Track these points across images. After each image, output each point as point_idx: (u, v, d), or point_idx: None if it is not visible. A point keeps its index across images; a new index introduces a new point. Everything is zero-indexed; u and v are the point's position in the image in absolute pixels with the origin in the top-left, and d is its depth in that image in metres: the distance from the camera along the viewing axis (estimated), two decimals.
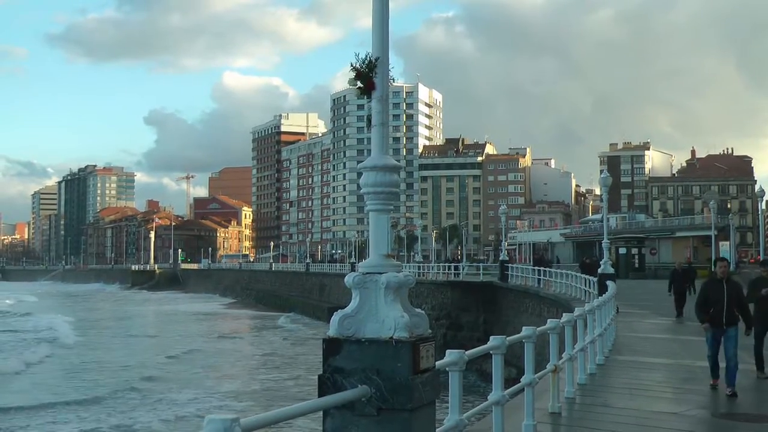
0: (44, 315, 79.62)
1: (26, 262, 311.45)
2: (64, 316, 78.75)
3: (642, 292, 39.78)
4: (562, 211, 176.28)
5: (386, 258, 5.84)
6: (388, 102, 6.17)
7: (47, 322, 69.09)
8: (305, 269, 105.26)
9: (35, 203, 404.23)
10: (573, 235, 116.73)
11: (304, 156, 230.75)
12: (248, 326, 73.10)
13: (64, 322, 70.97)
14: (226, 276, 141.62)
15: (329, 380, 5.54)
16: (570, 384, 11.45)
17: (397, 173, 6.08)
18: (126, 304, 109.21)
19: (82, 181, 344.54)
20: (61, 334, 59.06)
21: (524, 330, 9.05)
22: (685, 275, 29.73)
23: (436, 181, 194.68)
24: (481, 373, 32.33)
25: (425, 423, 5.60)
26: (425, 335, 5.70)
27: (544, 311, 32.98)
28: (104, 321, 78.48)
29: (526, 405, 8.94)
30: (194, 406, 30.06)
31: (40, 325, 66.52)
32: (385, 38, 6.01)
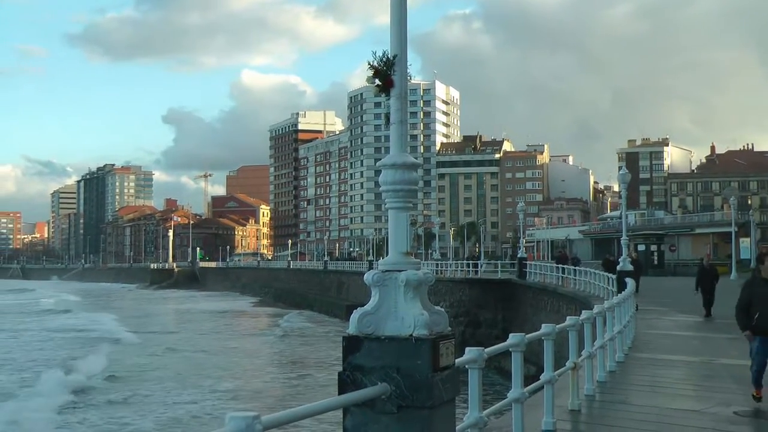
0: (93, 314, 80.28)
1: (46, 260, 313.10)
2: (109, 314, 79.56)
3: (661, 289, 39.57)
4: (581, 208, 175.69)
5: (406, 256, 5.84)
6: (407, 99, 6.17)
7: (102, 322, 69.86)
8: (323, 267, 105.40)
9: (55, 202, 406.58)
10: (591, 232, 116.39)
11: (322, 154, 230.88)
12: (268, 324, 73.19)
13: (111, 320, 72.16)
14: (244, 274, 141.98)
15: (349, 378, 5.54)
16: (589, 381, 11.41)
17: (416, 171, 6.09)
18: (154, 302, 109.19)
19: (101, 180, 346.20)
20: (120, 333, 58.91)
21: (543, 327, 9.03)
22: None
23: (453, 179, 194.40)
24: (499, 370, 32.29)
25: (445, 420, 5.60)
26: (445, 333, 5.70)
27: (563, 308, 32.92)
28: (144, 318, 78.78)
29: (546, 402, 8.93)
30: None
31: (98, 325, 66.69)
32: (403, 35, 6.00)
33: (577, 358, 10.41)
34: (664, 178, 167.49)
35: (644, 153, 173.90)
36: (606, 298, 24.51)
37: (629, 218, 68.18)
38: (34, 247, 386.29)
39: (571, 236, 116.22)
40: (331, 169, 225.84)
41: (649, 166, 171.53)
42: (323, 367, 40.96)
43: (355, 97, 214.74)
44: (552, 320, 10.09)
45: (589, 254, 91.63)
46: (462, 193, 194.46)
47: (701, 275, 26.58)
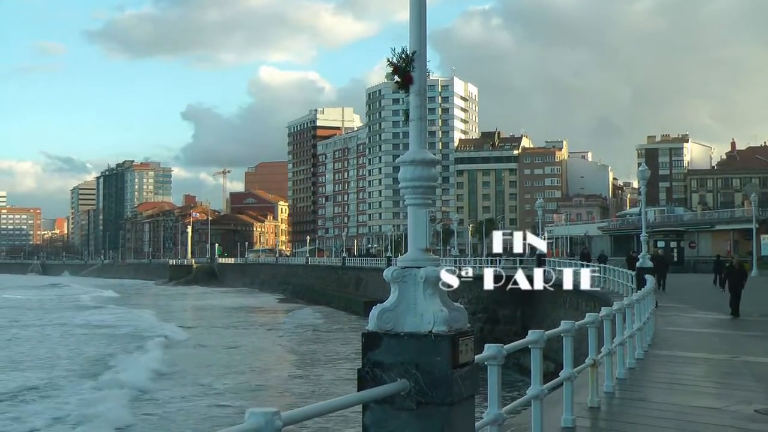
0: (135, 310, 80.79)
1: (66, 256, 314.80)
2: (148, 310, 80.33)
3: (681, 286, 39.41)
4: (600, 205, 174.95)
5: (425, 252, 5.84)
6: (426, 96, 6.16)
7: (144, 318, 70.44)
8: (341, 263, 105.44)
9: (74, 198, 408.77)
10: (610, 228, 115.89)
11: (340, 150, 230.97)
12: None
13: (150, 315, 72.90)
14: (262, 270, 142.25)
15: (368, 374, 5.55)
16: (609, 378, 11.38)
17: (435, 167, 6.09)
18: (179, 298, 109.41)
19: (120, 176, 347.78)
20: (167, 330, 58.39)
21: (563, 324, 9.01)
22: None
23: (472, 175, 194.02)
24: (518, 367, 32.19)
25: (465, 417, 5.60)
26: (464, 329, 5.70)
27: (582, 305, 32.77)
28: (179, 313, 79.25)
29: (565, 399, 8.92)
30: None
31: (143, 322, 66.73)
32: (422, 32, 6.00)
33: (596, 355, 10.38)
34: (684, 175, 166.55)
35: (664, 149, 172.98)
36: (625, 294, 24.41)
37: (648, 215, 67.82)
38: (53, 243, 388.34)
39: (590, 233, 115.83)
40: (350, 165, 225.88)
41: (669, 163, 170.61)
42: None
43: (374, 94, 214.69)
44: (571, 317, 10.04)
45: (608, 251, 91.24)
46: (480, 189, 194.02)
47: (729, 274, 25.99)
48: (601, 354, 11.00)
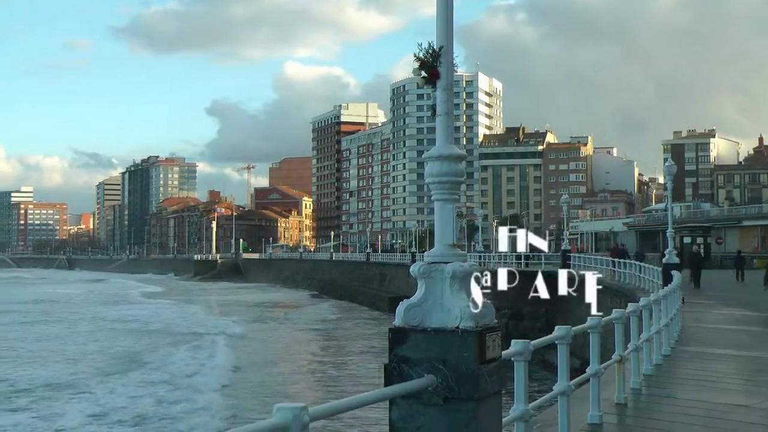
0: (185, 305, 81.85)
1: (92, 251, 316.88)
2: (195, 305, 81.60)
3: (708, 282, 39.09)
4: (625, 200, 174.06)
5: (452, 248, 5.82)
6: (453, 91, 6.14)
7: (193, 312, 71.81)
8: (365, 259, 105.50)
9: (100, 194, 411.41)
10: (636, 224, 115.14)
11: (364, 146, 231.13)
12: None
13: (200, 310, 74.04)
14: (286, 265, 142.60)
15: (395, 369, 5.55)
16: (636, 375, 11.32)
17: (462, 162, 6.07)
18: (213, 294, 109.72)
19: (145, 171, 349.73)
20: (223, 326, 58.68)
21: (589, 320, 8.96)
22: None
23: (496, 171, 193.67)
24: (543, 363, 32.09)
25: (492, 413, 5.58)
26: (491, 325, 5.68)
27: (607, 301, 32.63)
28: (226, 308, 79.79)
29: (592, 395, 8.88)
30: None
31: (195, 316, 68.02)
32: (449, 27, 5.97)
33: (623, 351, 10.33)
34: (711, 170, 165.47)
35: (690, 144, 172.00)
36: (652, 290, 24.28)
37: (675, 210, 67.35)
38: (79, 238, 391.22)
39: (615, 228, 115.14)
40: (374, 161, 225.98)
41: (695, 158, 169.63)
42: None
43: (398, 89, 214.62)
44: None
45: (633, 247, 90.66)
46: (505, 185, 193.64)
47: None
48: (628, 350, 10.94)
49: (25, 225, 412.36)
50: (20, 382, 33.11)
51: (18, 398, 29.79)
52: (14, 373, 35.56)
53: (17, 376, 34.68)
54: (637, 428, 9.30)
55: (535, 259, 59.39)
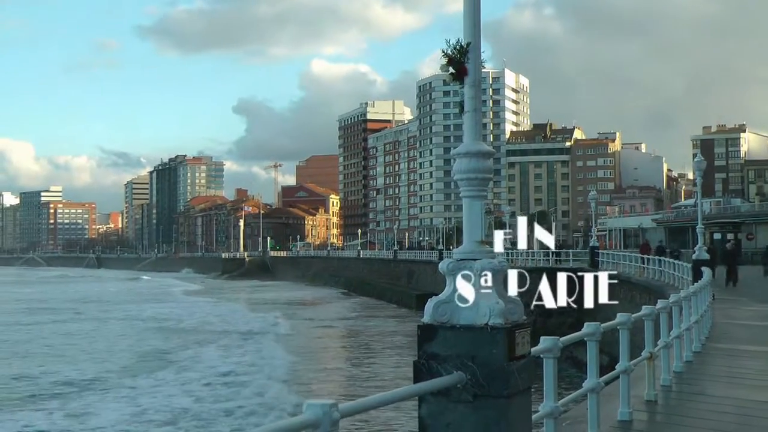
0: (229, 303, 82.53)
1: (120, 250, 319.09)
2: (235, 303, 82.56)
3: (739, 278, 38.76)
4: (654, 197, 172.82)
5: (481, 244, 5.82)
6: (481, 88, 6.13)
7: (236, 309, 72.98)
8: (393, 256, 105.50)
9: (128, 193, 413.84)
10: (665, 220, 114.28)
11: (391, 143, 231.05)
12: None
13: (243, 308, 74.87)
14: (314, 263, 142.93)
15: (424, 366, 5.55)
16: (666, 372, 11.25)
17: (490, 159, 6.06)
18: (252, 291, 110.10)
19: (173, 170, 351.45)
20: (271, 323, 59.26)
21: (619, 316, 8.94)
22: None
23: (523, 167, 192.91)
24: (571, 360, 31.97)
25: (521, 409, 5.57)
26: (521, 321, 5.68)
27: (636, 297, 32.47)
28: (266, 306, 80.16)
29: (622, 392, 8.84)
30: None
31: (239, 313, 69.14)
32: (476, 23, 5.96)
33: (653, 348, 10.27)
34: (741, 165, 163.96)
35: (720, 140, 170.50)
36: (681, 287, 24.11)
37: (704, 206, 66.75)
38: (108, 237, 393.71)
39: (644, 225, 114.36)
40: (400, 158, 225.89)
41: (725, 153, 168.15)
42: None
43: (424, 86, 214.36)
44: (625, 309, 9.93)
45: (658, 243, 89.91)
46: (532, 181, 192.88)
47: None
48: (658, 347, 10.87)
49: (55, 224, 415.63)
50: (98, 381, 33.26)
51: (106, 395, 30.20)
52: (92, 371, 35.73)
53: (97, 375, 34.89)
54: (667, 425, 9.25)
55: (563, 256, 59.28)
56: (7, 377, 34.45)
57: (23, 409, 27.87)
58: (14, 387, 32.29)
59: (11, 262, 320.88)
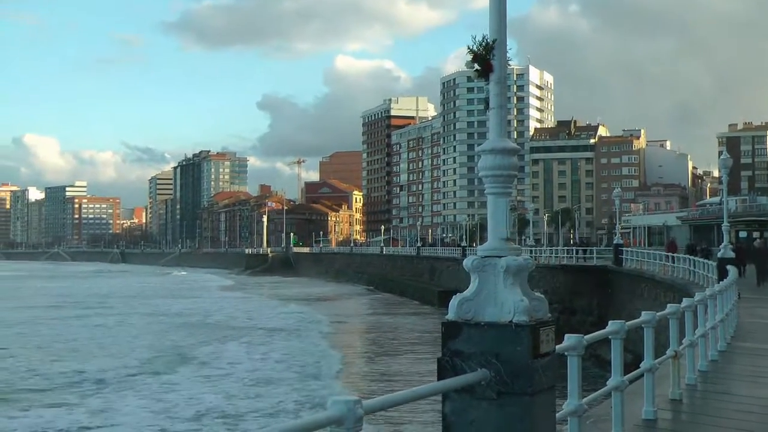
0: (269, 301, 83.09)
1: (144, 245, 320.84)
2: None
3: None
4: (679, 194, 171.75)
5: (505, 242, 5.79)
6: (506, 84, 6.11)
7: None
8: (416, 253, 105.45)
9: (152, 188, 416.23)
10: (690, 218, 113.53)
11: (414, 140, 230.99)
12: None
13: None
14: (336, 259, 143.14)
15: (448, 363, 5.54)
16: (691, 370, 11.17)
17: (515, 156, 6.03)
18: (282, 287, 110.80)
19: (197, 166, 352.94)
20: (312, 320, 59.98)
21: (644, 315, 8.89)
22: None
23: (547, 164, 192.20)
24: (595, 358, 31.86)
25: (545, 407, 5.55)
26: (545, 319, 5.65)
27: (660, 296, 32.31)
28: (298, 302, 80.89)
29: (646, 391, 8.79)
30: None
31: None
32: (502, 20, 5.94)
33: (678, 347, 10.20)
34: (767, 163, 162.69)
35: (746, 137, 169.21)
36: (706, 285, 23.94)
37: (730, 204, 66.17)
38: (132, 232, 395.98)
39: (669, 222, 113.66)
40: (424, 155, 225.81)
41: (752, 151, 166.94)
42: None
43: (448, 83, 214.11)
44: (649, 308, 9.88)
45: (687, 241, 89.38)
46: (556, 179, 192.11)
47: None
48: (683, 345, 10.80)
49: (80, 219, 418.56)
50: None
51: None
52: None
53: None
54: (692, 424, 9.19)
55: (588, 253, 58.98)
56: (71, 372, 34.84)
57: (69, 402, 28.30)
58: (66, 380, 32.72)
59: (36, 256, 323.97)
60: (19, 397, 29.26)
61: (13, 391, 30.51)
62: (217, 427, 24.71)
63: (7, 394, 29.74)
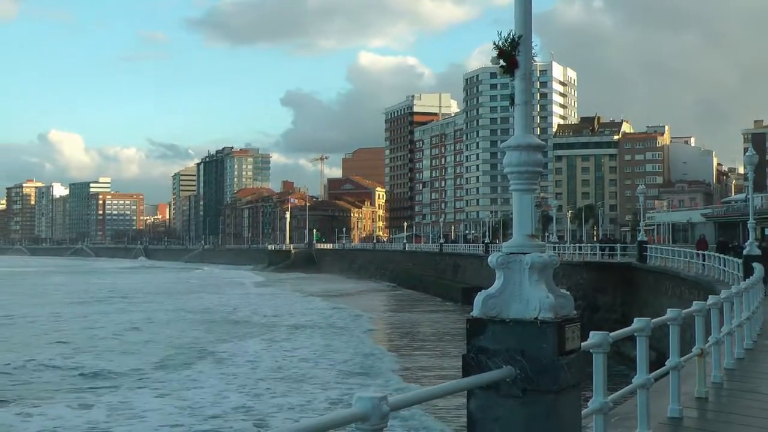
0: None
1: (167, 241, 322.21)
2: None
3: None
4: (703, 191, 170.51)
5: (530, 238, 5.77)
6: (531, 80, 6.09)
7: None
8: (438, 249, 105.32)
9: (175, 184, 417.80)
10: (715, 215, 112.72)
11: (437, 136, 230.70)
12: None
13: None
14: (359, 256, 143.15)
15: (473, 360, 5.53)
16: (717, 368, 11.09)
17: (540, 152, 6.00)
18: (314, 283, 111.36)
19: (220, 162, 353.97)
20: (352, 316, 60.42)
21: (669, 312, 8.84)
22: None
23: (570, 161, 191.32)
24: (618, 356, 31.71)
25: (571, 405, 5.53)
26: (571, 316, 5.62)
27: (685, 293, 32.11)
28: (345, 299, 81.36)
29: (671, 389, 8.74)
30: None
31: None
32: (528, 16, 5.92)
33: (703, 344, 10.13)
34: None
35: None
36: (731, 283, 23.76)
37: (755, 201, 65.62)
38: (156, 228, 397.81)
39: (693, 219, 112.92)
40: (447, 151, 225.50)
41: None
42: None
43: (471, 79, 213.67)
44: (673, 305, 9.79)
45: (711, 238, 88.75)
46: (579, 175, 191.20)
47: None
48: (709, 343, 10.72)
49: (103, 215, 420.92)
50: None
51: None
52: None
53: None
54: (718, 423, 9.13)
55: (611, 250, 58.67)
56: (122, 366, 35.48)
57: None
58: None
59: (60, 252, 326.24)
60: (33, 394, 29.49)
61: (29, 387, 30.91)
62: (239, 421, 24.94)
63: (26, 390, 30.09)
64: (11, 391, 29.88)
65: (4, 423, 24.64)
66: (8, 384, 31.25)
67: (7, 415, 25.60)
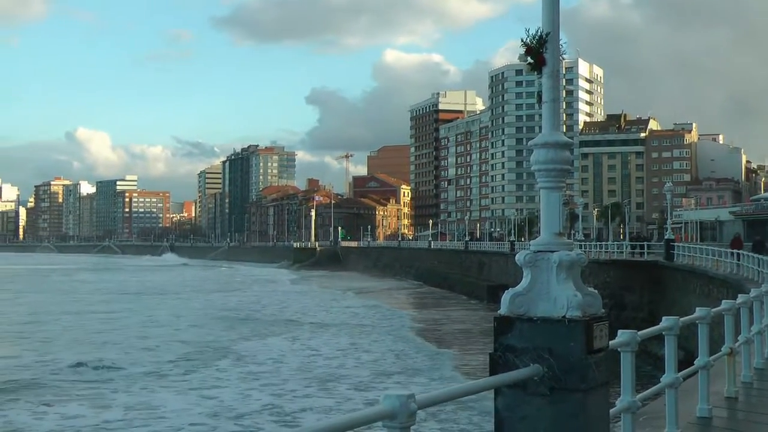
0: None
1: (193, 239, 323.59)
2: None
3: None
4: (732, 189, 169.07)
5: (558, 236, 5.75)
6: (559, 78, 6.06)
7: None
8: (464, 247, 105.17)
9: (201, 182, 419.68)
10: (743, 213, 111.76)
11: (462, 134, 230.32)
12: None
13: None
14: (384, 254, 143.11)
15: (501, 358, 5.52)
16: (747, 368, 10.97)
17: (568, 150, 5.98)
18: (344, 280, 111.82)
19: (246, 160, 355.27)
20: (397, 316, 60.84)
21: (698, 311, 8.77)
22: None
23: (597, 158, 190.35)
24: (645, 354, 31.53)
25: (599, 404, 5.50)
26: (598, 314, 5.60)
27: (713, 292, 31.88)
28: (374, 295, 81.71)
29: (700, 388, 8.66)
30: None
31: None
32: (555, 13, 5.91)
33: (733, 344, 10.03)
34: None
35: None
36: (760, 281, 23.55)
37: None
38: (182, 226, 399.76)
39: (721, 217, 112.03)
40: (472, 149, 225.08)
41: None
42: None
43: (497, 77, 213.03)
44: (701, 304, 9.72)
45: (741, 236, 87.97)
46: (606, 173, 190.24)
47: None
48: (739, 342, 10.62)
49: (130, 213, 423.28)
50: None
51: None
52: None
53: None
54: (748, 423, 9.04)
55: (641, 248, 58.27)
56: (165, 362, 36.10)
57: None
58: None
59: (88, 249, 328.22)
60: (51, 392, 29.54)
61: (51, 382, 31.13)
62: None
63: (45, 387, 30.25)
64: (31, 389, 29.82)
65: (17, 421, 24.63)
66: (29, 380, 31.42)
67: (21, 416, 25.54)
